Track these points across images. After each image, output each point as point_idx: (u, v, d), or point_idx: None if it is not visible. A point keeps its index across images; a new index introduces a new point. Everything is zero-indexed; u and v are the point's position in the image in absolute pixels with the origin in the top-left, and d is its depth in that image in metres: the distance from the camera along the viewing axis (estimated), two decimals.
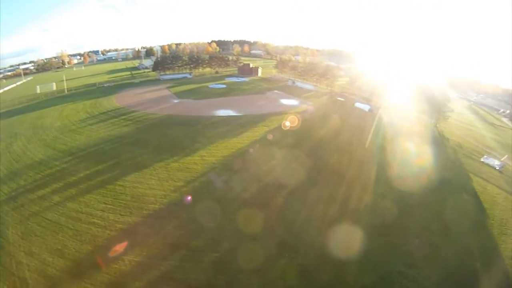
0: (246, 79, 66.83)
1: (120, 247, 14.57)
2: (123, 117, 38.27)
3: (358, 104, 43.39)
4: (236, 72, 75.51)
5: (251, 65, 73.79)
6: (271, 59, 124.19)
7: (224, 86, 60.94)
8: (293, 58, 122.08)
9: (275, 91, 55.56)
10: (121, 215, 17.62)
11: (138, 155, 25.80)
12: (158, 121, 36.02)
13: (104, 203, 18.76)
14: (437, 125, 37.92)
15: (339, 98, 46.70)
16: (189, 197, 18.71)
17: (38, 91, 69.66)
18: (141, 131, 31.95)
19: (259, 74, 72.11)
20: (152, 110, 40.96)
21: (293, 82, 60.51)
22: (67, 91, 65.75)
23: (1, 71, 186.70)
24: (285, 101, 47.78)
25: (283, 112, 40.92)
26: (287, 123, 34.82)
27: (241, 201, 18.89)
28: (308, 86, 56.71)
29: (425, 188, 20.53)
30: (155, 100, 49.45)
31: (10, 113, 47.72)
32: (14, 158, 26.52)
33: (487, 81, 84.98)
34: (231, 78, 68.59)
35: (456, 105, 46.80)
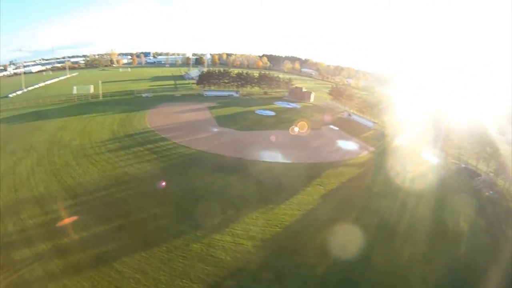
0: (298, 105, 70.68)
1: None
2: (149, 146, 38.63)
3: (425, 155, 42.86)
4: (287, 94, 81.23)
5: (303, 89, 78.82)
6: (322, 80, 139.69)
7: (273, 113, 62.22)
8: (345, 82, 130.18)
9: (331, 126, 55.18)
10: None
11: (152, 218, 23.57)
12: (188, 161, 34.99)
13: None
14: None
15: (403, 143, 47.38)
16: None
17: (75, 92, 78.60)
18: (165, 174, 30.82)
19: (312, 99, 76.82)
20: (185, 140, 41.02)
21: (349, 115, 63.79)
22: (102, 96, 72.47)
23: (51, 61, 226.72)
24: (342, 143, 46.51)
25: (341, 162, 38.63)
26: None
27: None
28: (366, 122, 58.91)
29: None
30: (191, 124, 50.74)
31: (36, 115, 53.73)
32: (15, 185, 27.83)
33: None
34: (280, 102, 72.18)
35: None
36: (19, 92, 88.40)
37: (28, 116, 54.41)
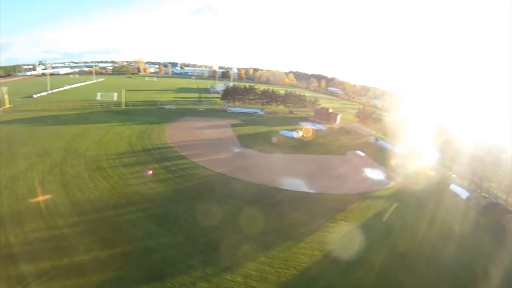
0: (323, 127, 72.15)
1: None
2: (166, 163, 38.55)
3: (454, 188, 41.54)
4: (312, 114, 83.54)
5: (329, 110, 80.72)
6: (348, 100, 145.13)
7: (297, 135, 62.52)
8: (371, 102, 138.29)
9: (357, 151, 54.70)
10: None
11: (159, 248, 22.67)
12: (204, 184, 34.21)
13: None
14: None
15: (431, 173, 46.92)
16: None
17: (98, 98, 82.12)
18: (178, 198, 30.22)
19: (338, 121, 78.35)
20: (204, 160, 40.70)
21: (376, 140, 64.48)
22: (125, 105, 74.52)
23: (80, 65, 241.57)
24: (369, 172, 45.38)
25: (368, 194, 36.88)
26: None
27: None
28: (393, 147, 59.68)
29: None
30: (212, 143, 50.89)
31: (56, 120, 55.92)
32: (23, 192, 28.37)
33: None
34: (306, 123, 73.32)
35: None
36: (43, 93, 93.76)
37: (48, 119, 56.71)
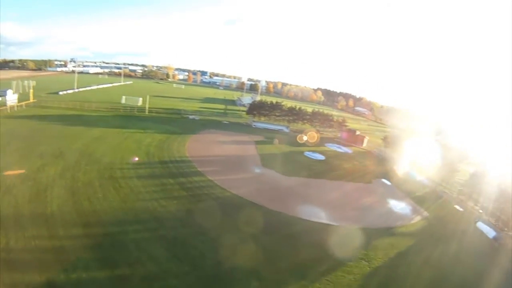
0: (349, 150, 73.00)
1: None
2: (182, 179, 38.33)
3: (481, 226, 41.03)
4: (339, 135, 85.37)
5: (357, 132, 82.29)
6: (375, 121, 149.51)
7: (322, 157, 61.94)
8: (398, 126, 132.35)
9: (383, 180, 54.07)
10: None
11: (162, 275, 21.95)
12: (219, 207, 33.33)
13: None
14: None
15: (457, 207, 46.63)
16: None
17: (123, 101, 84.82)
18: (189, 220, 29.55)
19: (364, 144, 79.62)
20: (222, 179, 40.13)
21: (403, 167, 64.18)
22: (148, 111, 76.16)
23: (110, 65, 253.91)
24: (394, 204, 44.37)
25: (391, 229, 35.94)
26: None
27: None
28: (421, 177, 59.29)
29: None
30: (233, 160, 50.62)
31: (77, 120, 58.20)
32: (31, 194, 28.88)
33: None
34: (331, 145, 74.61)
35: None
36: (69, 91, 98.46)
37: (69, 118, 58.88)
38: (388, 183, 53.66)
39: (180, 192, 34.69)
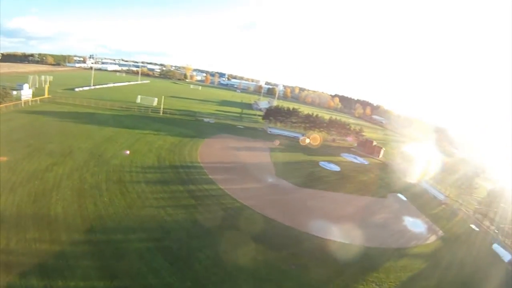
0: (365, 161, 73.22)
1: None
2: (191, 187, 37.87)
3: (497, 248, 40.66)
4: (355, 144, 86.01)
5: (374, 143, 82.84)
6: (392, 130, 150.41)
7: (337, 169, 61.61)
8: (415, 136, 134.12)
9: (398, 194, 53.36)
10: None
11: None
12: (228, 218, 32.70)
13: None
14: None
15: (473, 227, 46.22)
16: None
17: (138, 101, 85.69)
18: (196, 232, 28.90)
19: (380, 155, 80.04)
20: (233, 188, 39.60)
21: (419, 181, 64.32)
22: (163, 112, 76.58)
23: (129, 63, 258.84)
24: (408, 221, 43.76)
25: (404, 250, 34.98)
26: None
27: None
28: (436, 192, 58.52)
29: None
30: (246, 168, 49.98)
31: (90, 118, 59.03)
32: (36, 194, 29.18)
33: None
34: (347, 155, 74.59)
35: None
36: (86, 88, 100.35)
37: (82, 116, 59.71)
38: (403, 198, 52.65)
39: (189, 201, 34.21)
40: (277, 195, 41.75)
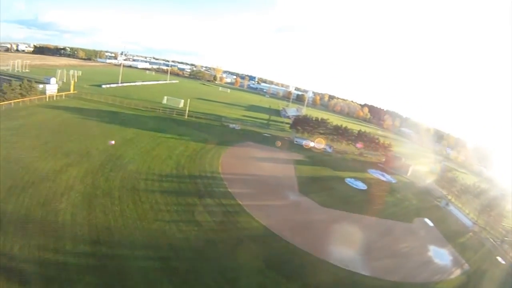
0: (393, 179, 71.96)
1: None
2: (208, 201, 36.91)
3: None
4: (383, 159, 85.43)
5: (402, 159, 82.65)
6: (421, 145, 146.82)
7: (364, 187, 60.03)
8: (444, 152, 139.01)
9: (425, 219, 51.98)
10: None
11: None
12: (243, 239, 31.26)
13: None
14: None
15: (500, 259, 44.80)
16: None
17: (164, 101, 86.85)
18: (207, 253, 27.76)
19: (409, 173, 79.34)
20: (252, 205, 38.48)
21: (447, 204, 62.95)
22: (188, 115, 76.79)
23: (159, 62, 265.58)
24: (434, 251, 42.18)
25: (427, 285, 33.33)
26: None
27: None
28: (464, 218, 57.91)
29: None
30: (268, 181, 48.86)
31: (113, 117, 60.22)
32: (46, 196, 29.25)
33: None
34: (375, 171, 73.45)
35: None
36: (113, 85, 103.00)
37: (105, 115, 60.79)
38: (430, 223, 50.85)
39: (204, 216, 33.17)
40: (298, 215, 40.22)
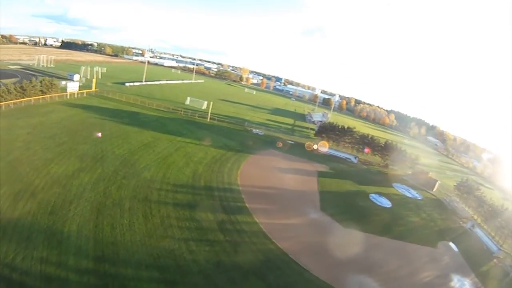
0: (419, 195, 70.91)
1: None
2: (223, 217, 35.76)
3: None
4: (409, 172, 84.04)
5: (429, 174, 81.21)
6: (447, 156, 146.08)
7: (388, 204, 58.22)
8: (471, 165, 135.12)
9: (450, 243, 50.70)
10: None
11: None
12: (258, 264, 30.01)
13: None
14: None
15: None
16: None
17: (187, 102, 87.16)
18: (217, 278, 26.50)
19: (435, 189, 77.83)
20: (269, 223, 37.34)
21: (473, 226, 61.17)
22: (210, 118, 76.53)
23: (186, 60, 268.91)
24: (456, 282, 40.45)
25: None
26: None
27: None
28: (490, 242, 55.69)
29: None
30: (289, 196, 47.76)
31: (132, 119, 61.08)
32: (55, 204, 29.35)
33: None
34: (400, 186, 71.84)
35: None
36: (136, 83, 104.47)
37: (124, 115, 61.23)
38: (454, 248, 48.94)
39: (216, 235, 32.03)
40: (317, 237, 38.49)
